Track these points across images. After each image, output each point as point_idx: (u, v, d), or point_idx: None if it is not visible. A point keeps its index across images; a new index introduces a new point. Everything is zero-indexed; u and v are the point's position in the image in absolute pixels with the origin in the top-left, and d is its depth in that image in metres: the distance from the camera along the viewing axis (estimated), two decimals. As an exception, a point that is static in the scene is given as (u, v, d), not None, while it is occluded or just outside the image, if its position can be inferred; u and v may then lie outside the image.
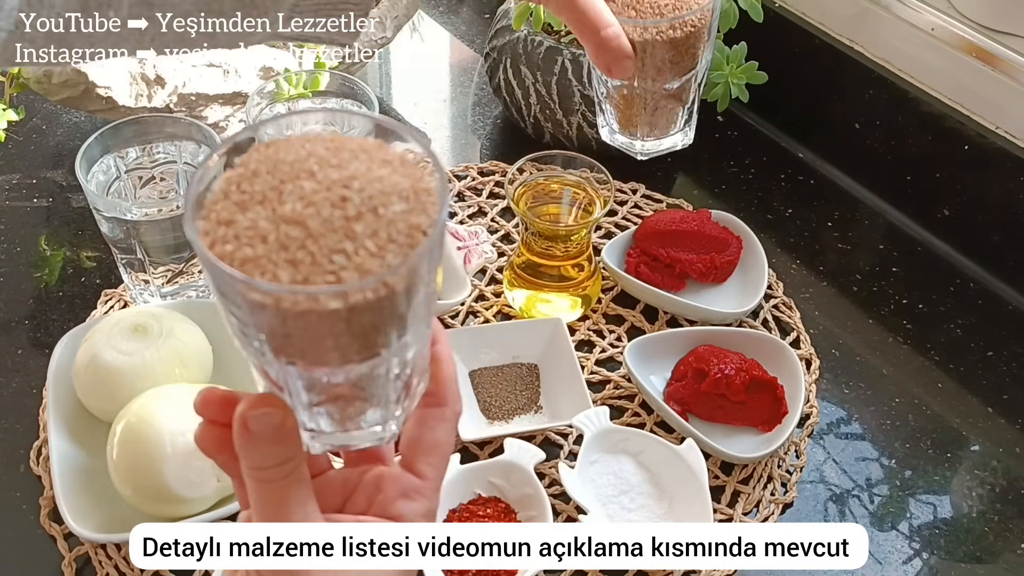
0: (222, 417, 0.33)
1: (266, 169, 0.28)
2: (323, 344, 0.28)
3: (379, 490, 0.36)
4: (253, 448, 0.32)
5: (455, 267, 0.72)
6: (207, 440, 0.34)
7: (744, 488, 0.65)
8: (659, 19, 0.51)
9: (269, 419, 0.32)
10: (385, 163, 0.29)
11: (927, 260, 0.82)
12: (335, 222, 0.27)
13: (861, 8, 0.84)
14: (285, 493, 0.33)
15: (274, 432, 0.32)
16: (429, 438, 0.37)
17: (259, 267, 0.27)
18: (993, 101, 0.78)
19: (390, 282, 0.27)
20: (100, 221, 0.67)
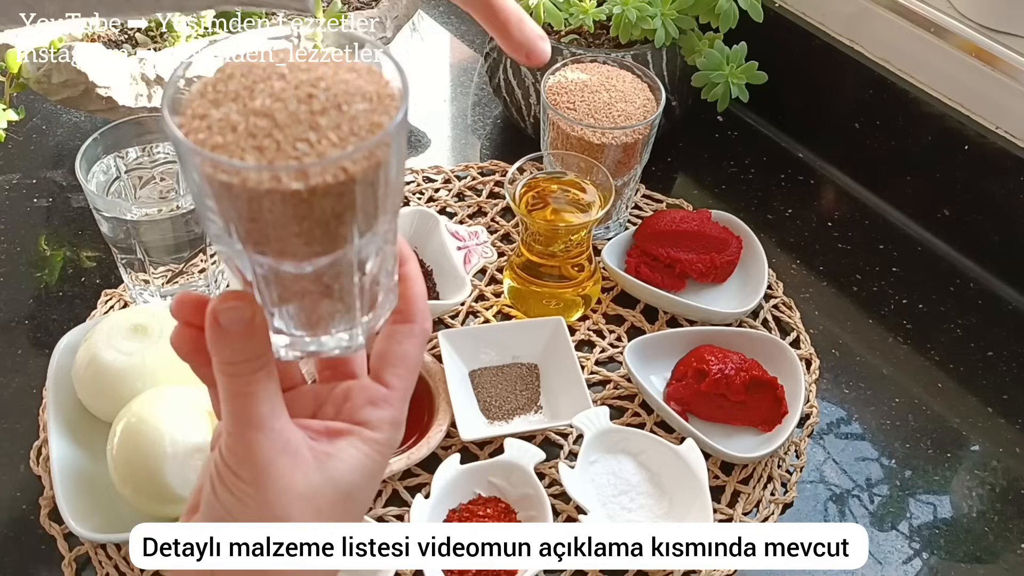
0: (196, 319, 0.34)
1: (240, 72, 0.31)
2: (288, 231, 0.30)
3: (347, 399, 0.37)
4: (224, 343, 0.33)
5: (455, 267, 0.72)
6: (182, 342, 0.36)
7: (744, 488, 0.65)
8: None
9: (239, 313, 0.33)
10: (352, 70, 0.31)
11: (927, 260, 0.82)
12: (300, 115, 0.29)
13: (861, 8, 0.84)
14: (254, 388, 0.34)
15: (244, 327, 0.33)
16: (397, 351, 0.38)
17: (228, 152, 0.29)
18: (993, 101, 0.78)
19: (349, 168, 0.29)
20: (100, 221, 0.67)
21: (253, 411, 0.34)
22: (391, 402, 0.37)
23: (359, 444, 0.36)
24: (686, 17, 0.81)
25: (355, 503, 0.37)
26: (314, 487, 0.35)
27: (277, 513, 0.34)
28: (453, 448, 0.65)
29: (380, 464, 0.37)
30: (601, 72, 0.77)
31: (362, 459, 0.36)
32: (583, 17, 0.81)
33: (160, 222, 0.65)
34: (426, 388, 0.67)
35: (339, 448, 0.36)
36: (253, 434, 0.34)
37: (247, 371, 0.34)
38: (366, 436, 0.36)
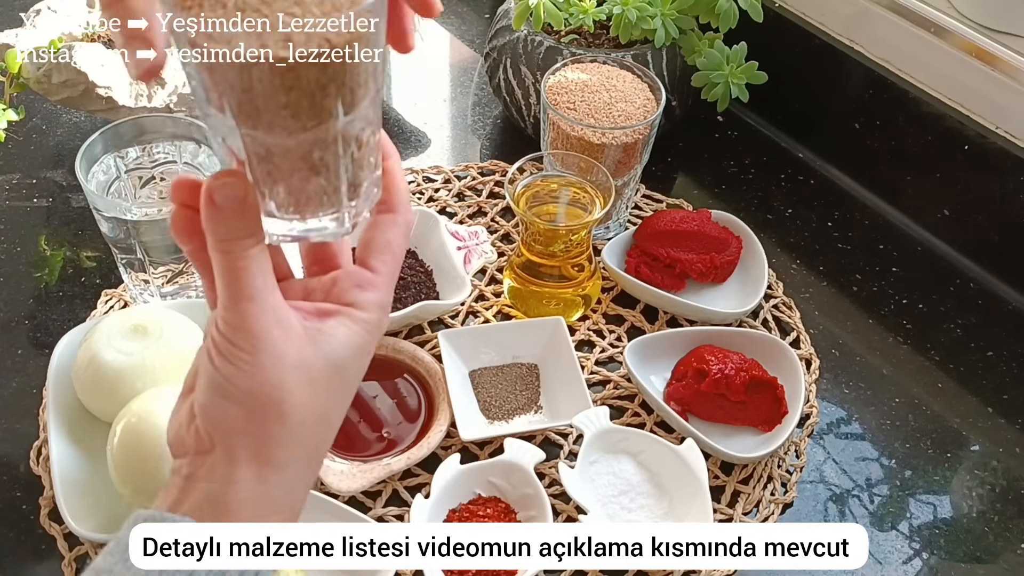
0: (193, 200, 0.36)
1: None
2: (277, 102, 0.33)
3: (335, 284, 0.39)
4: (219, 219, 0.35)
5: (455, 267, 0.72)
6: (180, 223, 0.37)
7: (744, 488, 0.65)
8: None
9: (232, 190, 0.35)
10: None
11: (927, 260, 0.82)
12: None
13: (861, 8, 0.84)
14: (247, 263, 0.36)
15: (237, 204, 0.35)
16: (381, 239, 0.40)
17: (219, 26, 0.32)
18: (993, 101, 0.78)
19: (332, 39, 0.32)
20: (100, 221, 0.67)
21: (247, 283, 0.36)
22: (377, 285, 0.39)
23: (348, 323, 0.38)
24: (686, 17, 0.81)
25: (346, 378, 0.38)
26: (306, 359, 0.36)
27: (272, 380, 0.36)
28: (453, 448, 0.65)
29: (368, 343, 0.39)
30: (601, 72, 0.77)
31: (352, 336, 0.38)
32: (583, 17, 0.81)
33: (160, 222, 0.65)
34: (426, 388, 0.67)
35: (329, 326, 0.37)
36: (247, 305, 0.36)
37: (241, 247, 0.35)
38: (355, 315, 0.38)
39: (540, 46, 0.82)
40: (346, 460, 0.63)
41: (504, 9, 0.88)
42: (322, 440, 0.39)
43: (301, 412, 0.37)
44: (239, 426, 0.36)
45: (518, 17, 0.81)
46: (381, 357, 0.69)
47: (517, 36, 0.84)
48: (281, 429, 0.36)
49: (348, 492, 0.60)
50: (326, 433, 0.39)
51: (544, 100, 0.74)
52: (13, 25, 0.80)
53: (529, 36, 0.83)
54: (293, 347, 0.36)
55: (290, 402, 0.36)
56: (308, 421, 0.37)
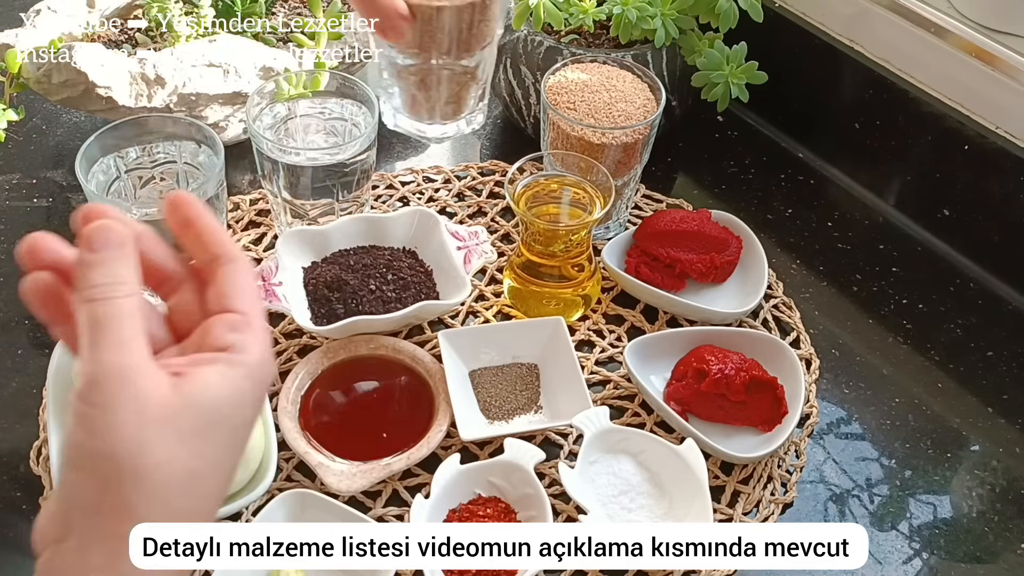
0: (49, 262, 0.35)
1: None
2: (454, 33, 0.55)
3: (207, 334, 0.37)
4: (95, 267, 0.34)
5: (455, 267, 0.72)
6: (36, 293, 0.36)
7: (744, 488, 0.65)
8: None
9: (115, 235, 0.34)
10: None
11: (927, 260, 0.82)
12: None
13: (861, 8, 0.84)
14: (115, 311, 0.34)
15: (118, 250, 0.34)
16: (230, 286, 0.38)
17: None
18: (993, 101, 0.78)
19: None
20: (100, 221, 0.67)
21: (113, 333, 0.33)
22: (250, 324, 0.37)
23: (223, 369, 0.35)
24: (686, 17, 0.81)
25: (223, 430, 0.35)
26: (172, 411, 0.33)
27: (128, 437, 0.32)
28: (453, 448, 0.65)
29: (249, 388, 0.36)
30: (601, 72, 0.77)
31: (228, 382, 0.35)
32: (583, 17, 0.81)
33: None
34: (426, 388, 0.67)
35: (201, 374, 0.35)
36: (109, 355, 0.33)
37: (113, 293, 0.34)
38: (232, 359, 0.35)
39: (540, 46, 0.82)
40: (346, 460, 0.63)
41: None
42: (198, 501, 0.35)
43: (164, 470, 0.33)
44: (92, 499, 0.32)
45: (518, 17, 0.81)
46: (381, 357, 0.69)
47: (517, 36, 0.84)
48: (139, 493, 0.33)
49: (348, 492, 0.60)
50: (202, 492, 0.35)
51: (544, 100, 0.74)
52: (13, 25, 0.80)
53: (529, 36, 0.83)
54: (156, 399, 0.33)
55: (149, 460, 0.32)
56: (175, 480, 0.33)
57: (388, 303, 0.69)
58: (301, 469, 0.64)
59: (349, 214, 0.75)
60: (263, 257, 0.78)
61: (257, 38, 0.83)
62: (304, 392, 0.66)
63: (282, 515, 0.59)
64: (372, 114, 0.72)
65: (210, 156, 0.69)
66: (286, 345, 0.71)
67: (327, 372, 0.68)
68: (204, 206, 0.39)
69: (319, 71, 0.75)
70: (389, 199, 0.84)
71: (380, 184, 0.84)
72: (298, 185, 0.72)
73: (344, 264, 0.71)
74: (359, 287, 0.69)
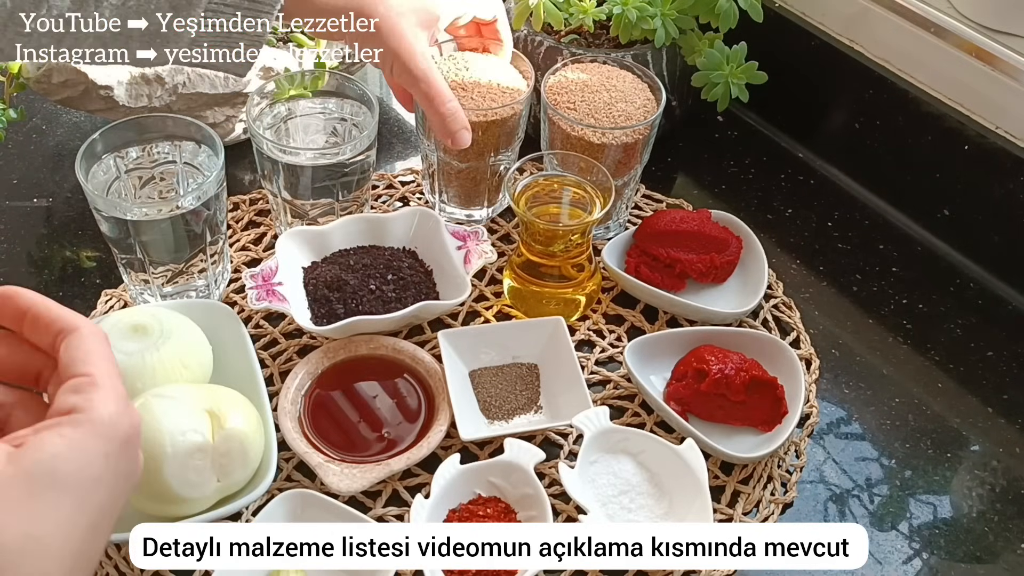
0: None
1: None
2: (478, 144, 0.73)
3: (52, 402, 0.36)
4: None
5: (455, 267, 0.72)
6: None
7: (744, 488, 0.65)
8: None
9: None
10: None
11: (927, 260, 0.82)
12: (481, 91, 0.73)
13: (861, 8, 0.84)
14: None
15: None
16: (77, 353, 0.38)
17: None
18: (993, 101, 0.78)
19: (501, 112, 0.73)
20: (100, 221, 0.67)
21: None
22: (96, 383, 0.36)
23: (64, 430, 0.34)
24: (686, 17, 0.81)
25: (66, 490, 0.34)
26: (3, 476, 0.33)
27: None
28: (453, 448, 0.65)
29: (97, 445, 0.35)
30: (601, 72, 0.77)
31: (66, 442, 0.34)
32: (583, 17, 0.81)
33: (160, 222, 0.65)
34: (426, 388, 0.67)
35: (39, 438, 0.34)
36: None
37: None
38: (76, 419, 0.35)
39: (540, 46, 0.82)
40: (346, 460, 0.63)
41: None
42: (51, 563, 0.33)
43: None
44: None
45: (518, 17, 0.81)
46: (381, 357, 0.69)
47: (517, 36, 0.84)
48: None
49: (348, 492, 0.60)
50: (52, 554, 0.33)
51: (544, 100, 0.74)
52: (13, 25, 0.80)
53: (529, 36, 0.83)
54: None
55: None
56: (8, 549, 0.32)
57: (388, 303, 0.69)
58: (301, 469, 0.64)
59: (349, 214, 0.75)
60: (263, 257, 0.78)
61: (257, 38, 0.83)
62: (304, 392, 0.66)
63: (282, 515, 0.59)
64: (372, 114, 0.72)
65: (210, 156, 0.69)
66: (286, 345, 0.71)
67: (327, 372, 0.68)
68: (31, 292, 0.39)
69: (319, 71, 0.75)
70: (389, 199, 0.84)
71: (380, 184, 0.84)
72: (298, 185, 0.72)
73: (344, 264, 0.71)
74: (359, 287, 0.69)
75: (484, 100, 0.73)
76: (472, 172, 0.77)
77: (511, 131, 0.75)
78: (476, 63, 0.75)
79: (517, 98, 0.73)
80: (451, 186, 0.79)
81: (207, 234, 0.68)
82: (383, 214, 0.75)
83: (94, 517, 0.35)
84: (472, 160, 0.75)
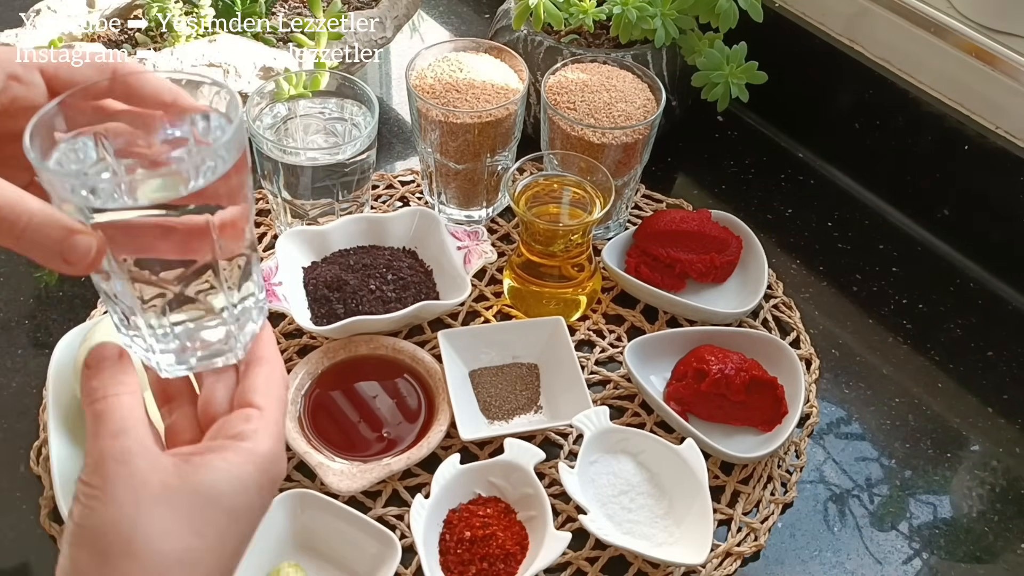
0: None
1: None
2: (469, 146, 0.72)
3: (221, 427, 0.38)
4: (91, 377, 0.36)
5: (455, 267, 0.72)
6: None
7: (744, 488, 0.65)
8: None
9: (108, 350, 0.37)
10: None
11: (927, 260, 0.82)
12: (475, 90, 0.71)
13: (861, 8, 0.84)
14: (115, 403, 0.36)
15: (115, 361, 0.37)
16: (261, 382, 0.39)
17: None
18: (993, 101, 0.78)
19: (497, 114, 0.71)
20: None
21: (113, 421, 0.35)
22: (266, 417, 0.38)
23: (229, 456, 0.36)
24: (686, 17, 0.81)
25: (222, 513, 0.35)
26: (170, 488, 0.34)
27: (124, 512, 0.33)
28: (453, 448, 0.65)
29: (254, 476, 0.36)
30: (601, 72, 0.77)
31: (232, 469, 0.35)
32: (583, 17, 0.81)
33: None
34: (426, 388, 0.67)
35: (206, 459, 0.35)
36: (110, 441, 0.35)
37: (110, 392, 0.36)
38: (239, 447, 0.36)
39: (540, 46, 0.82)
40: (346, 460, 0.63)
41: (504, 9, 0.88)
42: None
43: (157, 544, 0.33)
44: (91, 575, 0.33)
45: (518, 17, 0.81)
46: (381, 357, 0.69)
47: (517, 36, 0.84)
48: (134, 568, 0.33)
49: (348, 492, 0.60)
50: (200, 571, 0.35)
51: (544, 100, 0.74)
52: (13, 25, 0.80)
53: (529, 36, 0.83)
54: (156, 478, 0.34)
55: (143, 534, 0.33)
56: (169, 557, 0.33)
57: (388, 303, 0.69)
58: (301, 469, 0.64)
59: (349, 214, 0.75)
60: (263, 257, 0.78)
61: (257, 38, 0.83)
62: (304, 392, 0.66)
63: (282, 515, 0.59)
64: (372, 114, 0.72)
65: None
66: (286, 345, 0.71)
67: (327, 372, 0.68)
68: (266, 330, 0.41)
69: (319, 71, 0.75)
70: (389, 199, 0.84)
71: (380, 184, 0.84)
72: (298, 185, 0.72)
73: (344, 264, 0.71)
74: (359, 287, 0.69)
75: (479, 101, 0.72)
76: (469, 173, 0.76)
77: (507, 131, 0.74)
78: (470, 63, 0.75)
79: (512, 98, 0.73)
80: (449, 187, 0.78)
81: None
82: (383, 214, 0.75)
83: (238, 544, 0.36)
84: (469, 161, 0.75)
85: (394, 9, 0.88)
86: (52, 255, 0.33)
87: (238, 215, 0.36)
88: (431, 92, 0.73)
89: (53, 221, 0.33)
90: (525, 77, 0.75)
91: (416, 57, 0.75)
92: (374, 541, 0.58)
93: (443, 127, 0.72)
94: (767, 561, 0.62)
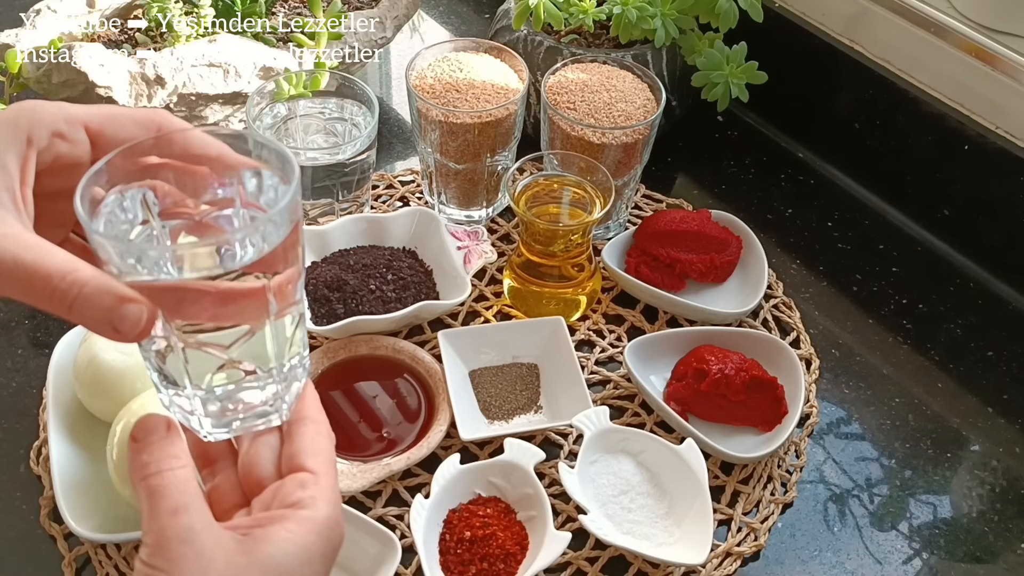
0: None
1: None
2: (470, 145, 0.72)
3: (275, 496, 0.37)
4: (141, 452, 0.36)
5: (455, 267, 0.72)
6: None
7: (744, 488, 0.65)
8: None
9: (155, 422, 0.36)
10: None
11: (927, 260, 0.82)
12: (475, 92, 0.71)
13: (861, 8, 0.84)
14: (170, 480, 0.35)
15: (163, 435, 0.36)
16: (309, 444, 0.38)
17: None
18: (993, 101, 0.78)
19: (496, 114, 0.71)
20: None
21: (170, 498, 0.34)
22: (320, 482, 0.37)
23: (290, 526, 0.35)
24: (686, 17, 0.81)
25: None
26: (237, 566, 0.34)
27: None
28: (453, 448, 0.65)
29: (318, 544, 0.36)
30: (601, 72, 0.77)
31: (294, 539, 0.35)
32: (583, 17, 0.81)
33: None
34: (426, 388, 0.67)
35: (268, 532, 0.35)
36: (169, 519, 0.34)
37: (163, 467, 0.35)
38: (298, 516, 0.36)
39: (540, 46, 0.82)
40: (346, 460, 0.63)
41: (504, 9, 0.88)
42: None
43: None
44: None
45: (518, 17, 0.81)
46: (381, 357, 0.69)
47: (517, 36, 0.84)
48: None
49: (348, 492, 0.60)
50: None
51: (544, 100, 0.74)
52: (13, 25, 0.80)
53: (529, 36, 0.83)
54: (220, 557, 0.33)
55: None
56: None
57: (388, 303, 0.69)
58: (301, 469, 0.64)
59: (349, 214, 0.75)
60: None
61: (257, 38, 0.83)
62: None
63: (282, 515, 0.59)
64: (372, 114, 0.72)
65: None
66: (286, 345, 0.71)
67: (327, 372, 0.68)
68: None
69: (319, 71, 0.75)
70: (389, 199, 0.84)
71: (380, 184, 0.84)
72: (298, 185, 0.72)
73: (344, 264, 0.71)
74: (359, 287, 0.69)
75: (479, 101, 0.72)
76: (469, 173, 0.76)
77: (507, 131, 0.74)
78: (470, 63, 0.75)
79: (512, 98, 0.73)
80: (449, 187, 0.78)
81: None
82: (383, 214, 0.75)
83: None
84: (469, 161, 0.75)
85: (394, 9, 0.88)
86: (103, 324, 0.32)
87: (293, 276, 0.35)
88: (431, 92, 0.73)
89: (104, 289, 0.32)
90: (525, 77, 0.75)
91: (416, 57, 0.75)
92: (374, 541, 0.58)
93: (443, 127, 0.72)
94: (767, 561, 0.62)
